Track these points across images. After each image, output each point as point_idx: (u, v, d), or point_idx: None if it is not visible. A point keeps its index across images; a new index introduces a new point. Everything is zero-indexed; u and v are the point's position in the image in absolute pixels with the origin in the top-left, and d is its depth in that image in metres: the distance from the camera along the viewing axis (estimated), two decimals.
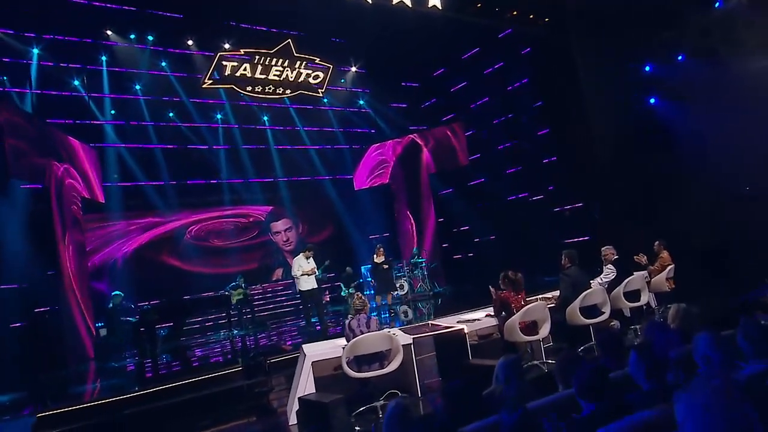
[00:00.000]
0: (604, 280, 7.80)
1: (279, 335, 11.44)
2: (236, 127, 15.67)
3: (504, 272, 6.82)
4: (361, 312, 6.03)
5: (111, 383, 7.85)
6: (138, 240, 13.77)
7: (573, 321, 6.90)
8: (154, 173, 14.30)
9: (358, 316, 6.00)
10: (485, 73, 16.09)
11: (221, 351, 10.23)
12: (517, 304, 6.63)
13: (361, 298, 6.13)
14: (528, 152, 15.13)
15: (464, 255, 16.08)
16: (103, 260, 13.00)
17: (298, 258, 10.62)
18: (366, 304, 6.11)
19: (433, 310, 12.32)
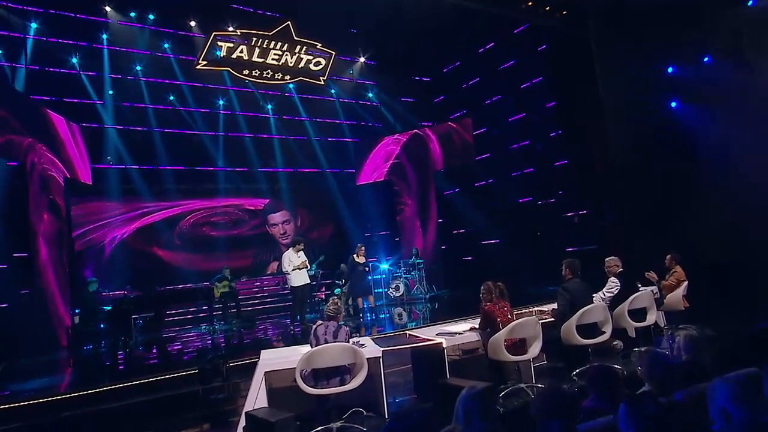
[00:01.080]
0: (607, 295, 6.91)
1: (264, 332, 10.71)
2: (238, 114, 14.99)
3: (485, 283, 5.99)
4: (333, 319, 5.25)
5: (61, 379, 7.16)
6: (127, 226, 13.14)
7: (568, 340, 6.04)
8: (149, 158, 13.68)
9: (328, 323, 5.22)
10: (499, 69, 15.21)
11: (194, 347, 9.51)
12: (503, 318, 5.80)
13: (336, 304, 5.37)
14: (539, 154, 14.22)
15: (466, 258, 15.21)
16: (88, 245, 12.40)
17: (288, 253, 9.88)
18: (340, 311, 5.35)
19: (429, 314, 11.50)
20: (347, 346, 5.00)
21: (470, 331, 6.14)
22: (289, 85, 15.46)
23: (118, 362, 8.53)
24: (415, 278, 13.42)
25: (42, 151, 9.96)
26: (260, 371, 5.19)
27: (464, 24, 14.08)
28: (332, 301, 5.43)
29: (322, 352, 4.89)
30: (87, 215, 12.58)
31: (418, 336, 6.04)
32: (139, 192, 13.37)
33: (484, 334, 5.94)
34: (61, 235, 10.22)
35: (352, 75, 16.27)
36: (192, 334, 10.76)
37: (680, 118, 11.39)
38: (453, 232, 15.38)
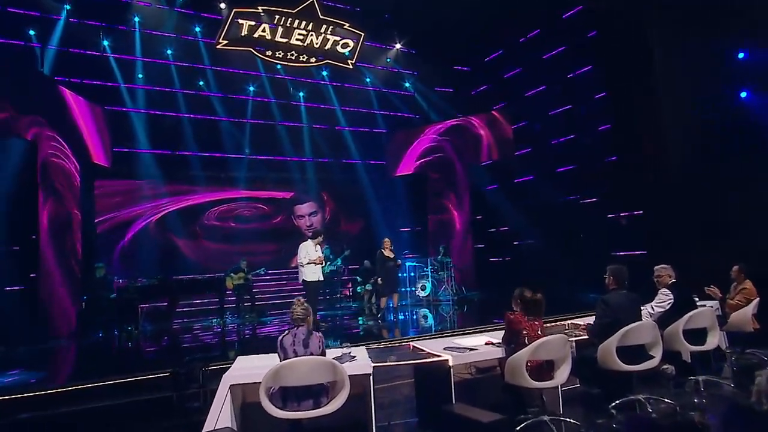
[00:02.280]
0: (657, 310, 5.62)
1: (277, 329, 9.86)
2: (269, 101, 14.22)
3: (520, 289, 4.83)
4: (302, 324, 4.24)
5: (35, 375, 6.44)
6: (150, 213, 12.57)
7: (607, 364, 4.81)
8: (176, 144, 13.10)
9: (296, 330, 4.22)
10: (544, 58, 13.84)
11: (193, 342, 8.72)
12: (532, 332, 4.64)
13: (302, 305, 4.32)
14: (585, 149, 12.78)
15: (500, 258, 13.91)
16: (108, 230, 11.89)
17: (306, 244, 8.93)
18: (309, 314, 4.31)
19: (455, 318, 10.36)
20: (323, 360, 3.97)
21: (487, 345, 4.99)
22: (323, 72, 14.69)
23: (109, 356, 7.83)
24: (443, 278, 12.28)
25: (54, 131, 9.38)
26: (225, 384, 4.23)
27: (508, 10, 12.86)
28: (298, 302, 4.34)
29: (291, 367, 3.89)
30: (110, 200, 12.09)
31: (423, 349, 4.94)
32: (164, 178, 12.80)
33: (507, 350, 4.79)
34: (71, 219, 9.63)
35: (389, 63, 15.27)
36: (200, 327, 10.00)
37: (751, 109, 9.77)
38: (488, 231, 14.11)
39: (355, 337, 8.00)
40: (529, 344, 4.50)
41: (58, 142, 9.42)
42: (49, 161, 9.19)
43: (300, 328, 4.21)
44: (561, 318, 7.54)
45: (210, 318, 10.15)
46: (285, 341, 4.17)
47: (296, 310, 4.26)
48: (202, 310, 10.79)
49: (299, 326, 4.22)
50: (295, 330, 4.20)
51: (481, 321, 9.44)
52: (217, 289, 9.83)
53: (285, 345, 4.15)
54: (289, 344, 4.14)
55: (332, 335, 8.43)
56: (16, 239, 8.64)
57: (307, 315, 4.26)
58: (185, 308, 10.97)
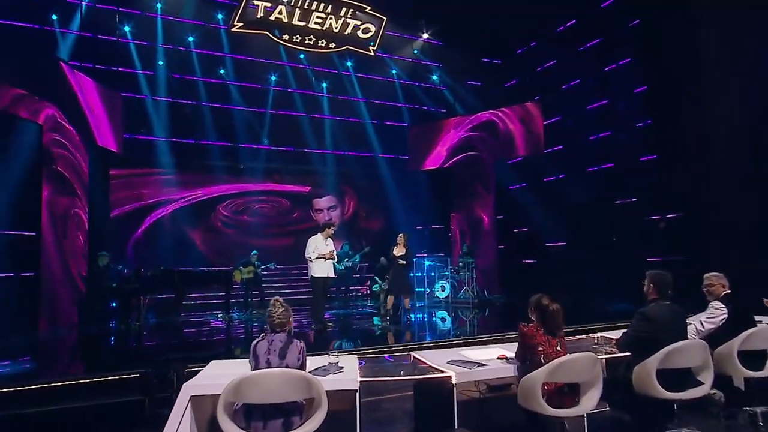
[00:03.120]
0: (707, 327, 4.67)
1: None
2: (290, 91, 13.63)
3: (538, 296, 4.00)
4: (281, 330, 3.51)
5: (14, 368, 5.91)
6: (165, 203, 12.11)
7: (644, 389, 3.92)
8: (194, 133, 12.63)
9: (273, 335, 3.49)
10: (580, 50, 12.82)
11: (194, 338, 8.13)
12: (549, 349, 3.80)
13: (281, 306, 3.55)
14: (622, 147, 11.72)
15: (526, 261, 12.92)
16: (122, 219, 11.48)
17: (316, 238, 8.26)
18: (289, 316, 3.57)
19: (475, 323, 9.51)
20: (295, 374, 3.23)
21: (499, 361, 4.17)
22: (347, 63, 14.04)
23: (97, 349, 7.28)
24: (463, 279, 11.41)
25: (63, 114, 8.94)
26: (185, 394, 3.54)
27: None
28: (276, 303, 3.55)
29: (256, 381, 3.15)
30: (125, 189, 11.69)
31: (424, 362, 4.15)
32: (180, 167, 12.33)
33: (520, 368, 3.97)
34: (77, 205, 9.18)
35: (416, 54, 14.50)
36: (205, 322, 9.41)
37: None
38: (513, 231, 13.14)
39: (352, 342, 7.25)
40: (546, 363, 3.67)
41: (66, 125, 8.98)
42: (55, 145, 8.75)
43: (278, 335, 3.47)
44: (589, 328, 6.65)
45: (216, 313, 9.53)
46: (258, 348, 3.45)
47: (275, 312, 3.52)
48: (211, 304, 10.20)
49: (277, 332, 3.49)
50: (272, 336, 3.47)
51: (501, 327, 8.58)
52: (224, 282, 9.22)
53: (258, 352, 3.42)
54: (263, 352, 3.41)
55: (337, 337, 7.71)
56: (18, 224, 8.20)
57: (287, 319, 3.53)
58: (198, 301, 10.45)
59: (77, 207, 9.16)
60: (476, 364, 4.00)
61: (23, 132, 8.40)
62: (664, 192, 10.28)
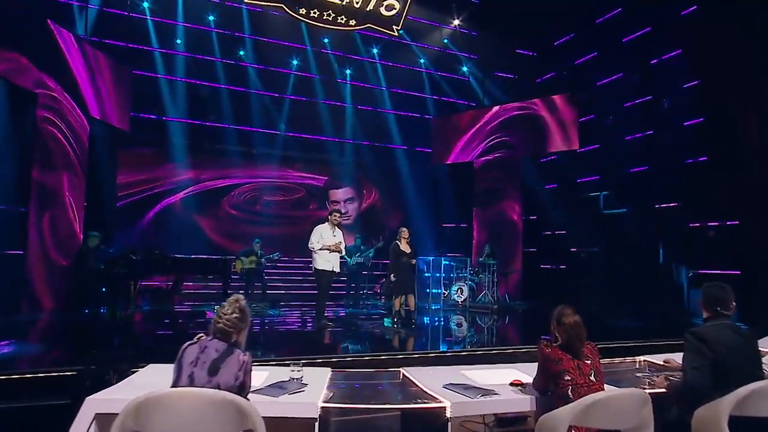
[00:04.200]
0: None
1: (284, 322, 8.34)
2: (312, 76, 12.80)
3: (561, 308, 2.97)
4: (223, 338, 2.56)
5: None
6: (172, 184, 11.42)
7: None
8: (209, 115, 11.91)
9: (208, 342, 2.54)
10: (623, 41, 11.56)
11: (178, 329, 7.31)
12: (580, 380, 2.79)
13: (236, 308, 2.60)
14: (665, 147, 10.45)
15: (554, 266, 11.71)
16: (127, 201, 10.83)
17: (322, 226, 7.34)
18: (242, 327, 2.60)
19: (493, 331, 8.44)
20: (222, 398, 2.28)
21: (513, 387, 3.15)
22: (373, 49, 13.14)
23: (64, 338, 6.52)
24: (483, 282, 10.33)
25: (61, 86, 8.23)
26: (87, 411, 2.63)
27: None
28: (231, 302, 2.62)
29: (164, 403, 2.23)
30: (134, 169, 11.05)
31: (415, 383, 3.16)
32: (193, 150, 11.63)
33: (539, 401, 2.95)
34: (73, 183, 8.48)
35: (445, 44, 13.51)
36: (199, 312, 8.62)
37: None
38: (542, 233, 11.95)
39: (334, 348, 6.31)
40: (574, 398, 2.65)
41: (63, 96, 8.28)
42: (49, 118, 8.06)
43: (215, 342, 2.54)
44: (622, 346, 5.53)
45: (213, 304, 8.68)
46: (186, 356, 2.51)
47: (223, 313, 2.57)
48: (211, 295, 9.40)
49: (219, 338, 2.56)
50: (207, 341, 2.54)
51: (522, 339, 7.52)
52: (221, 271, 8.39)
53: (183, 362, 2.49)
54: (189, 362, 2.48)
55: (330, 339, 6.78)
56: (4, 199, 7.55)
57: (236, 329, 2.58)
58: (199, 291, 9.69)
59: (74, 183, 8.47)
60: (481, 391, 2.99)
61: (14, 99, 7.75)
62: (714, 197, 9.01)
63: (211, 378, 2.40)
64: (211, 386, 2.36)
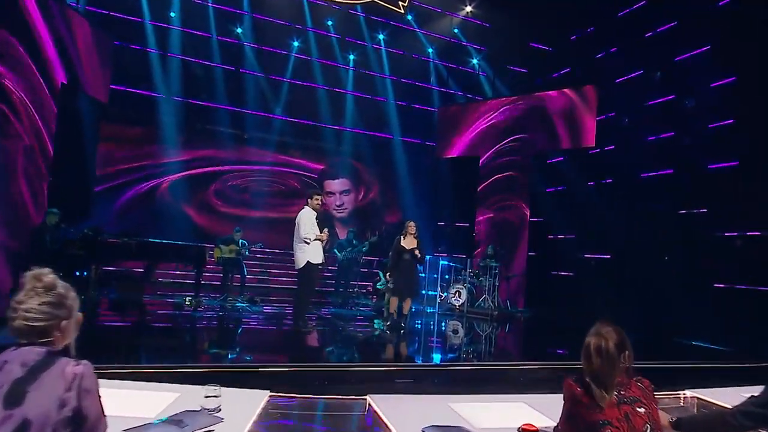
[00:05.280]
0: None
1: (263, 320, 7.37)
2: (313, 60, 11.85)
3: (598, 328, 1.94)
4: (35, 341, 1.49)
5: None
6: (157, 164, 10.48)
7: None
8: (201, 94, 10.97)
9: (12, 352, 1.48)
10: (646, 36, 10.55)
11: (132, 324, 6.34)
12: (624, 429, 1.78)
13: (41, 282, 1.52)
14: (689, 149, 9.44)
15: (560, 272, 10.65)
16: (106, 178, 9.91)
17: (310, 213, 6.31)
18: (63, 300, 1.54)
19: (491, 340, 7.44)
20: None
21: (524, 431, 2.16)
22: (379, 35, 12.20)
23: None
24: (484, 285, 9.32)
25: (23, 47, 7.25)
26: None
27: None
28: (34, 278, 1.52)
29: None
30: (117, 146, 10.13)
31: (384, 421, 2.17)
32: (182, 129, 10.69)
33: None
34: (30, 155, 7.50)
35: (456, 34, 12.56)
36: (169, 304, 7.65)
37: None
38: (548, 237, 10.91)
39: (315, 351, 5.33)
40: None
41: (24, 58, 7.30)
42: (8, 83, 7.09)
43: (23, 350, 1.52)
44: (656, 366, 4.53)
45: (187, 295, 7.71)
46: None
47: (20, 302, 1.52)
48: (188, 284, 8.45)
49: (23, 345, 1.54)
50: (14, 351, 1.53)
51: (524, 350, 6.53)
52: (194, 259, 7.40)
53: None
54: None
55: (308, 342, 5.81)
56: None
57: (52, 320, 1.57)
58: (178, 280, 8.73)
59: (31, 155, 7.49)
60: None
61: None
62: (745, 205, 7.98)
63: (11, 410, 1.40)
64: (12, 425, 1.37)
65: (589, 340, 1.91)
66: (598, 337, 1.89)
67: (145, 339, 5.48)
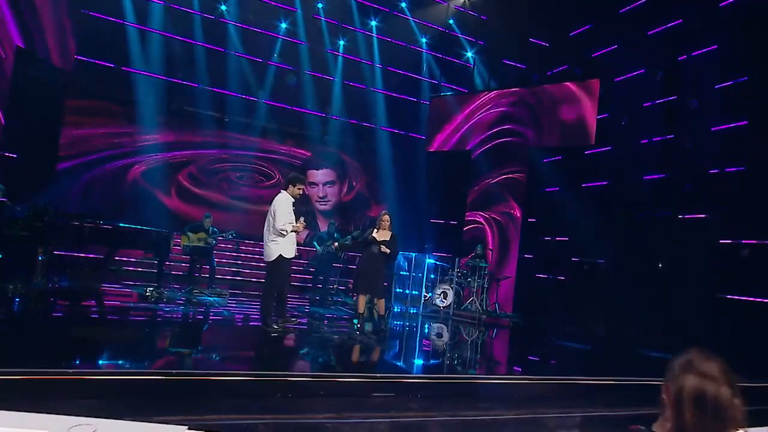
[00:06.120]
0: None
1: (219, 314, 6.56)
2: (300, 43, 11.06)
3: (693, 362, 1.21)
4: None
5: None
6: (127, 143, 9.61)
7: None
8: (182, 73, 10.12)
9: None
10: (649, 34, 9.97)
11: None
12: None
13: None
14: (688, 153, 8.87)
15: (551, 276, 10.00)
16: (71, 156, 9.02)
17: (286, 199, 5.50)
18: None
19: (476, 348, 6.73)
20: None
21: None
22: (371, 22, 11.45)
23: None
24: (471, 287, 8.63)
25: None
26: None
27: None
28: None
29: None
30: (86, 122, 9.23)
31: None
32: (157, 110, 9.82)
33: None
34: None
35: (451, 26, 11.87)
36: (126, 295, 6.81)
37: None
38: (540, 239, 10.24)
39: (281, 357, 4.56)
40: None
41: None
42: None
43: None
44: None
45: (149, 285, 6.86)
46: None
47: None
48: (149, 273, 7.60)
49: None
50: None
51: (512, 360, 5.84)
52: (155, 247, 6.55)
53: None
54: None
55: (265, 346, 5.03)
56: None
57: None
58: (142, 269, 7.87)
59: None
60: None
61: None
62: (751, 211, 7.40)
63: None
64: None
65: (682, 381, 1.19)
66: (699, 379, 1.17)
67: (79, 335, 4.60)
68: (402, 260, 8.93)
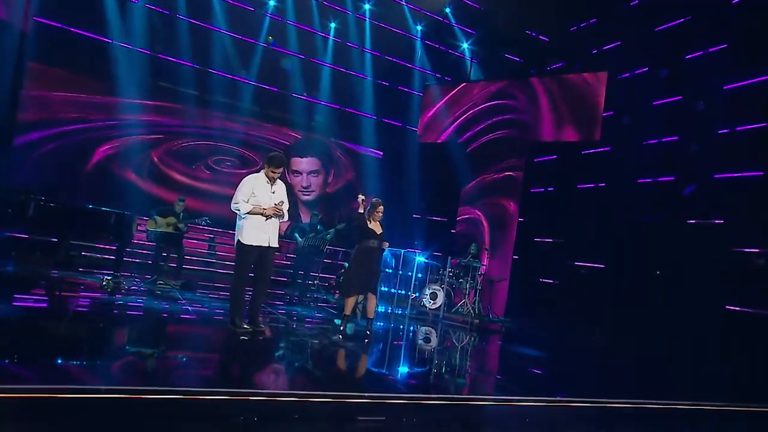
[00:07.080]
0: None
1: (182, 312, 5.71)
2: (289, 23, 10.21)
3: None
4: None
5: None
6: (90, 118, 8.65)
7: None
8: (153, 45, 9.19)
9: None
10: (655, 30, 9.39)
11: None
12: None
13: None
14: (693, 156, 8.29)
15: (545, 279, 9.31)
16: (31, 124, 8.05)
17: (255, 178, 4.64)
18: None
19: (466, 356, 6.00)
20: None
21: None
22: (365, 5, 10.65)
23: None
24: (463, 288, 7.89)
25: None
26: None
27: None
28: None
29: None
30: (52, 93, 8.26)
31: None
32: (130, 83, 8.84)
33: None
34: None
35: (447, 14, 11.14)
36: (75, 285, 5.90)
37: None
38: (534, 240, 9.55)
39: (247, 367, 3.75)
40: None
41: None
42: None
43: None
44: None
45: (105, 276, 5.96)
46: None
47: None
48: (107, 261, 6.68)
49: None
50: None
51: (516, 376, 5.12)
52: (114, 231, 5.65)
53: None
54: None
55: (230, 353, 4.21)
56: None
57: None
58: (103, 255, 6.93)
59: None
60: None
61: None
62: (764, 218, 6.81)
63: None
64: None
65: None
66: None
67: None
68: (389, 257, 8.15)
